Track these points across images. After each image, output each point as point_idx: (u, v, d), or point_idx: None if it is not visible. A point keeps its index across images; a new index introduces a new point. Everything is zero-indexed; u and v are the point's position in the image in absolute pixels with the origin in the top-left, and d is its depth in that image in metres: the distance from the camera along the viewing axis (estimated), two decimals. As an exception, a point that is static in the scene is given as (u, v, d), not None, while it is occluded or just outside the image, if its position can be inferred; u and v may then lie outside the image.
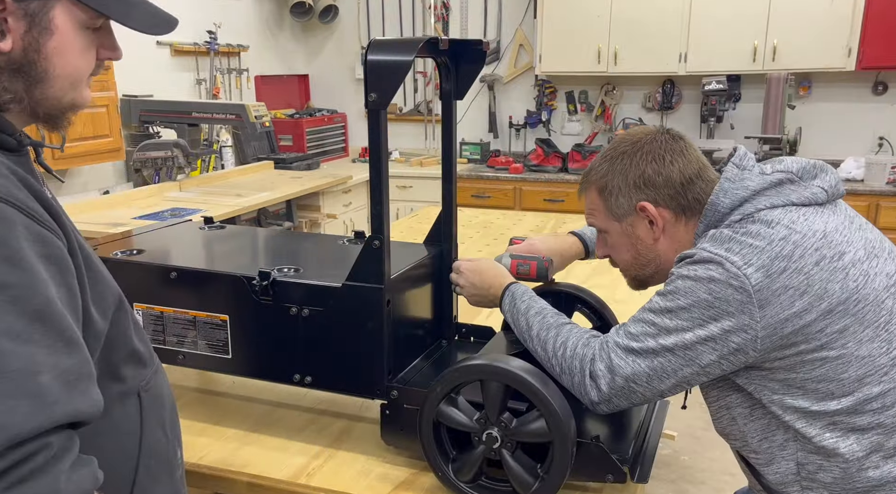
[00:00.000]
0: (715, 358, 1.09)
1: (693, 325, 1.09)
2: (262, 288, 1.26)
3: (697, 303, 1.09)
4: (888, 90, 4.69)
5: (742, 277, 1.06)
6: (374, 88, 1.12)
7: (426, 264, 1.43)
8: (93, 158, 3.70)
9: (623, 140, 1.28)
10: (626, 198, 1.24)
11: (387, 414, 1.28)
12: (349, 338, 1.26)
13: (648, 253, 1.27)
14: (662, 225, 1.23)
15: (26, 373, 0.68)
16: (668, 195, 1.22)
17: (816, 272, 1.06)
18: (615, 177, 1.25)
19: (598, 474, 1.16)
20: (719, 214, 1.17)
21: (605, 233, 1.31)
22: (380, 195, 1.19)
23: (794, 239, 1.08)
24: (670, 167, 1.22)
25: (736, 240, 1.10)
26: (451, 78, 1.37)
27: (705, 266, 1.09)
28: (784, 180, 1.15)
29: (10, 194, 0.75)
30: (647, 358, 1.13)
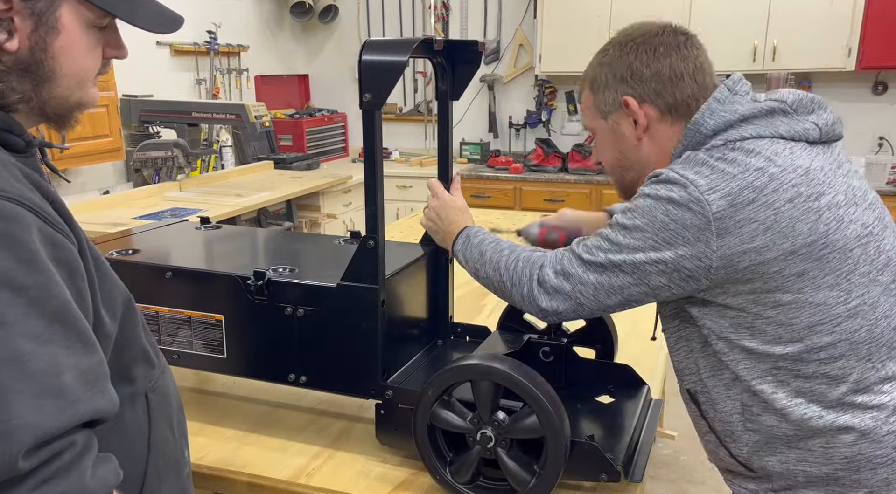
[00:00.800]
0: (664, 281, 1.07)
1: (646, 246, 1.06)
2: (258, 288, 1.26)
3: (653, 224, 1.05)
4: (888, 90, 4.68)
5: (703, 202, 1.01)
6: (368, 89, 1.12)
7: (421, 264, 1.43)
8: (93, 158, 3.71)
9: (621, 32, 1.21)
10: (611, 92, 1.18)
11: (381, 414, 1.28)
12: (344, 338, 1.27)
13: (631, 154, 1.21)
14: (646, 124, 1.16)
15: (50, 373, 0.69)
16: (654, 90, 1.15)
17: (787, 209, 1.01)
18: (603, 69, 1.19)
19: (593, 473, 1.16)
20: (701, 136, 1.10)
21: (595, 132, 1.26)
22: (374, 195, 1.19)
23: (772, 171, 1.03)
24: (660, 60, 1.14)
25: (708, 164, 1.05)
26: (446, 78, 1.37)
27: (668, 186, 1.05)
28: (776, 109, 1.09)
29: (24, 197, 0.75)
30: (597, 271, 1.11)
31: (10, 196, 0.74)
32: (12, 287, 0.69)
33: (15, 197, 0.74)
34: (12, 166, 0.80)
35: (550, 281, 1.14)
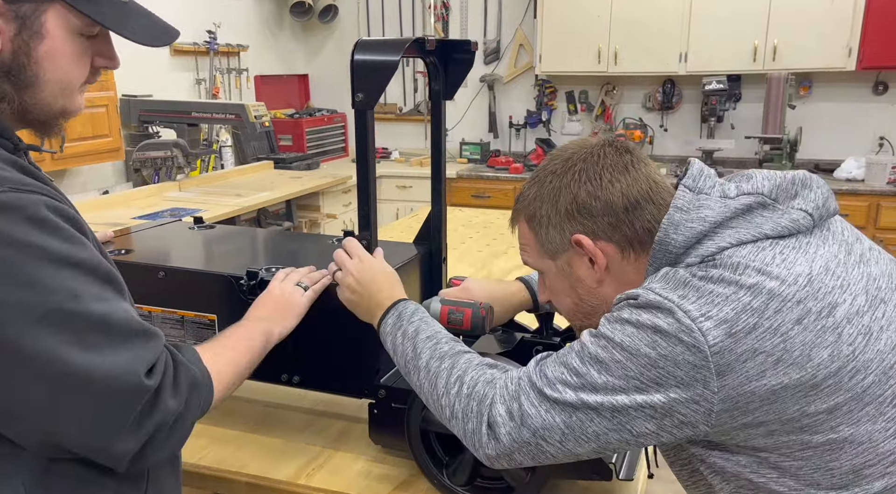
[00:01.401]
0: (652, 428, 0.86)
1: (629, 387, 0.85)
2: (250, 288, 1.26)
3: (637, 358, 0.84)
4: (888, 90, 4.68)
5: (696, 332, 0.81)
6: (360, 88, 1.12)
7: (415, 263, 1.43)
8: (92, 158, 3.72)
9: (555, 156, 1.04)
10: (557, 230, 1.00)
11: (375, 414, 1.28)
12: (337, 338, 1.27)
13: (592, 298, 1.03)
14: (605, 263, 0.98)
15: (126, 321, 0.82)
16: (609, 224, 0.96)
17: (798, 333, 0.81)
18: (543, 204, 1.01)
19: (584, 472, 1.16)
20: (671, 256, 0.92)
21: (542, 273, 1.09)
22: (367, 195, 1.19)
23: (769, 287, 0.82)
24: (609, 188, 0.96)
25: (692, 284, 0.85)
26: (439, 78, 1.37)
27: (651, 312, 0.85)
28: (753, 205, 0.90)
29: (35, 185, 0.79)
30: (565, 412, 0.89)
31: (29, 188, 0.78)
32: (71, 263, 0.78)
33: (31, 188, 0.78)
34: (9, 163, 0.81)
35: (504, 425, 0.92)
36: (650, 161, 1.01)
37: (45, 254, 0.76)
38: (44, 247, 0.76)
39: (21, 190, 0.76)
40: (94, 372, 0.77)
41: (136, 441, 0.81)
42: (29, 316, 0.74)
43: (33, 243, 0.75)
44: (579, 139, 1.07)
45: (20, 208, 0.75)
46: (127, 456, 0.81)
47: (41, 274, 0.75)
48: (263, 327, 1.14)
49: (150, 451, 0.83)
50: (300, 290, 1.22)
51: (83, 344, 0.77)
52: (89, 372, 0.76)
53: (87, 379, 0.77)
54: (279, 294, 1.21)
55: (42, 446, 0.80)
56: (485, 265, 2.55)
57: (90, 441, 0.80)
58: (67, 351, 0.76)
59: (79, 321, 0.77)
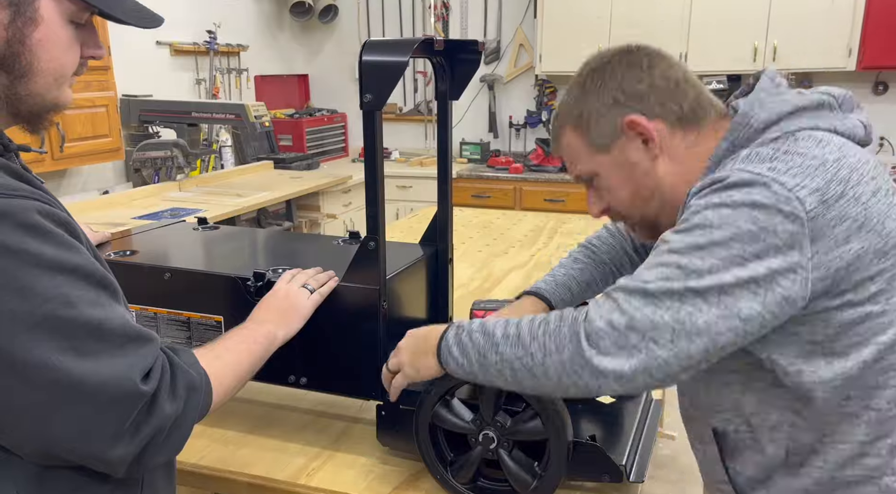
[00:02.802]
0: (757, 308, 0.86)
1: (732, 264, 0.85)
2: (257, 289, 1.26)
3: (738, 236, 0.85)
4: (889, 90, 4.68)
5: (795, 201, 0.84)
6: (369, 89, 1.11)
7: (421, 264, 1.42)
8: (92, 158, 3.71)
9: (588, 62, 1.08)
10: (608, 121, 1.03)
11: (382, 415, 1.27)
12: (345, 339, 1.26)
13: (648, 180, 1.05)
14: (659, 140, 1.02)
15: (122, 326, 0.81)
16: (657, 103, 1.01)
17: (874, 203, 0.88)
18: (589, 101, 1.05)
19: (595, 473, 1.16)
20: (751, 130, 0.96)
21: (595, 176, 1.09)
22: (375, 196, 1.19)
23: (850, 161, 0.89)
24: (650, 71, 1.02)
25: (780, 158, 0.89)
26: (446, 78, 1.37)
27: (743, 189, 0.87)
28: (825, 103, 0.97)
29: (24, 190, 0.77)
30: (671, 306, 0.86)
31: (19, 193, 0.76)
32: (64, 269, 0.77)
33: (21, 193, 0.76)
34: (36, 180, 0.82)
35: (605, 333, 0.88)
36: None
37: (38, 261, 0.74)
38: (37, 254, 0.74)
39: (12, 195, 0.75)
40: (90, 379, 0.76)
41: (134, 447, 0.80)
42: (23, 324, 0.73)
43: (26, 250, 0.73)
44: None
45: (11, 214, 0.73)
46: (124, 463, 0.80)
47: (35, 282, 0.74)
48: (267, 330, 1.13)
49: (148, 456, 0.82)
50: (306, 292, 1.21)
51: (78, 351, 0.76)
52: (84, 379, 0.76)
53: (83, 386, 0.76)
54: (284, 296, 1.21)
55: (37, 453, 0.80)
56: (485, 265, 2.55)
57: (86, 449, 0.79)
58: (62, 359, 0.75)
59: (73, 328, 0.76)
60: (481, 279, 2.37)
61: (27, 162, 0.92)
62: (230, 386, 1.00)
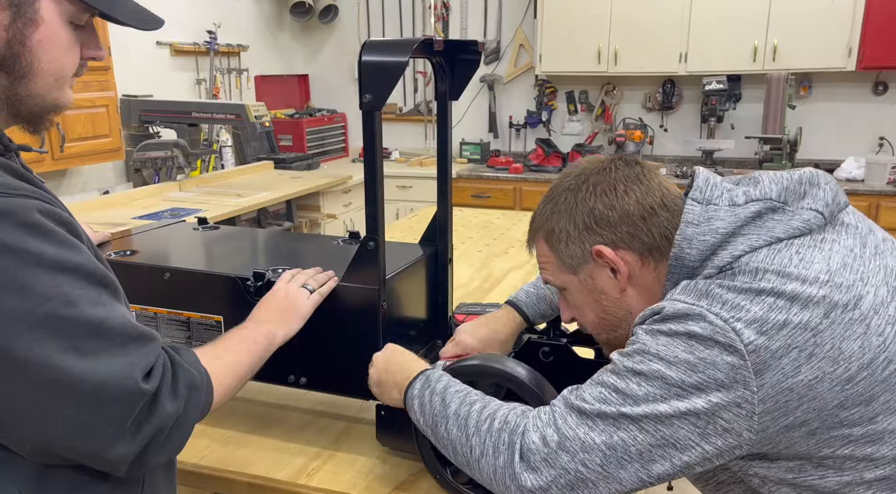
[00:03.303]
0: (696, 439, 0.84)
1: (669, 394, 0.83)
2: (257, 289, 1.26)
3: (675, 365, 0.84)
4: (888, 90, 4.68)
5: (730, 332, 0.82)
6: (368, 89, 1.11)
7: (421, 264, 1.43)
8: (92, 158, 3.71)
9: (567, 174, 1.06)
10: (577, 244, 1.02)
11: (382, 415, 1.27)
12: (344, 339, 1.26)
13: (617, 309, 1.04)
14: (627, 272, 1.00)
15: (123, 325, 0.81)
16: (628, 233, 0.98)
17: (826, 327, 0.81)
18: (561, 219, 1.03)
19: None
20: (688, 269, 0.93)
21: (563, 290, 1.09)
22: (374, 196, 1.19)
23: (791, 288, 0.83)
24: (624, 198, 0.99)
25: (714, 294, 0.86)
26: (445, 78, 1.37)
27: (681, 320, 0.85)
28: (763, 211, 0.91)
29: (26, 189, 0.77)
30: (605, 430, 0.86)
31: (19, 192, 0.76)
32: (65, 268, 0.77)
33: (22, 192, 0.76)
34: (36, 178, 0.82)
35: (538, 451, 0.88)
36: (659, 171, 1.03)
37: (39, 260, 0.74)
38: (38, 253, 0.74)
39: (12, 194, 0.75)
40: (91, 378, 0.76)
41: (135, 446, 0.80)
42: (24, 324, 0.73)
43: (27, 249, 0.74)
44: (588, 157, 1.09)
45: (12, 213, 0.74)
46: (125, 462, 0.80)
47: (36, 281, 0.74)
48: (267, 329, 1.14)
49: (150, 456, 0.82)
50: (305, 292, 1.22)
51: (79, 351, 0.76)
52: (85, 379, 0.76)
53: (84, 385, 0.76)
54: (284, 296, 1.21)
55: (38, 452, 0.80)
56: (485, 265, 2.55)
57: (87, 448, 0.79)
58: (63, 358, 0.75)
59: (74, 327, 0.76)
60: (481, 279, 2.37)
61: (28, 162, 0.92)
62: (231, 385, 1.00)
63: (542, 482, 0.88)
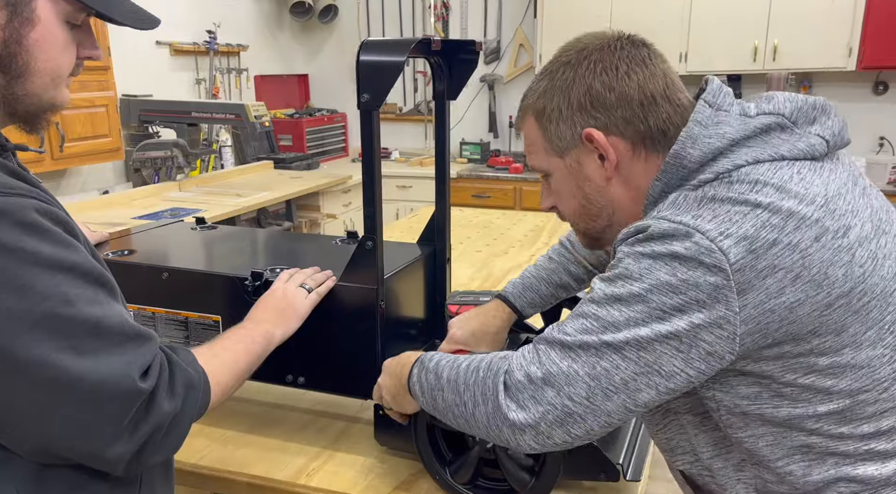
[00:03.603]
0: (680, 364, 0.82)
1: (650, 318, 0.82)
2: (255, 289, 1.26)
3: (657, 288, 0.81)
4: (889, 90, 4.68)
5: (716, 252, 0.79)
6: (366, 89, 1.11)
7: (419, 264, 1.42)
8: (92, 158, 3.71)
9: (567, 48, 0.97)
10: (568, 125, 0.95)
11: (380, 415, 1.27)
12: (342, 339, 1.26)
13: (599, 198, 0.99)
14: (616, 160, 0.94)
15: (120, 324, 0.81)
16: (623, 118, 0.92)
17: (816, 250, 0.80)
18: (554, 96, 0.96)
19: (592, 472, 1.16)
20: (685, 170, 0.89)
21: (547, 175, 1.04)
22: (373, 196, 1.19)
23: (787, 205, 0.81)
24: (625, 80, 0.92)
25: (707, 205, 0.83)
26: (443, 78, 1.37)
27: (666, 240, 0.82)
28: (772, 126, 0.88)
29: (23, 188, 0.77)
30: (587, 360, 0.84)
31: (16, 192, 0.76)
32: (63, 267, 0.77)
33: (19, 191, 0.76)
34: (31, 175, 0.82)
35: (522, 386, 0.87)
36: (666, 58, 0.96)
37: (36, 259, 0.74)
38: (35, 252, 0.74)
39: (9, 193, 0.75)
40: (88, 377, 0.76)
41: (132, 445, 0.80)
42: (22, 323, 0.73)
43: (24, 248, 0.74)
44: (593, 31, 0.99)
45: (9, 212, 0.74)
46: (123, 461, 0.80)
47: (33, 280, 0.74)
48: (264, 329, 1.14)
49: (147, 455, 0.82)
50: (303, 292, 1.22)
51: (77, 350, 0.76)
52: (83, 377, 0.76)
53: (81, 384, 0.76)
54: (282, 295, 1.21)
55: (36, 452, 0.80)
56: (485, 265, 2.55)
57: (85, 447, 0.79)
58: (61, 357, 0.75)
59: (72, 326, 0.76)
60: (481, 279, 2.38)
61: (26, 162, 0.92)
62: (228, 384, 1.00)
63: (530, 419, 0.87)
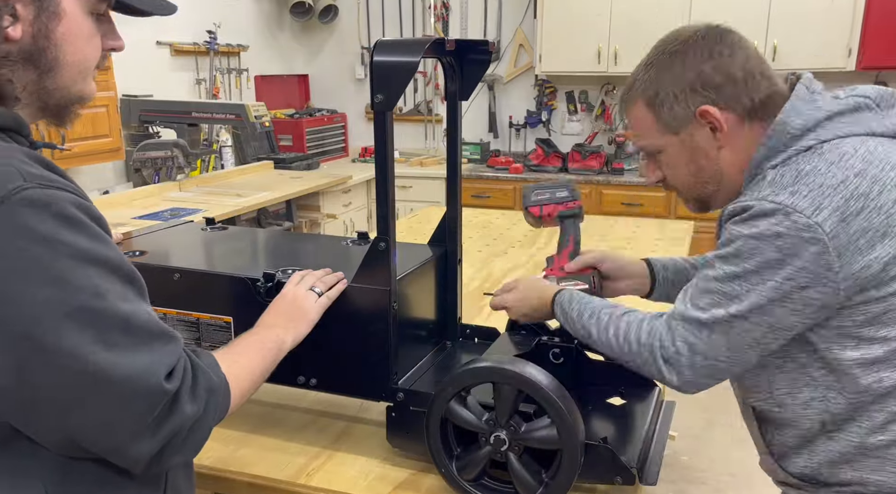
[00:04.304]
0: (797, 319, 1.00)
1: (767, 288, 0.98)
2: (267, 290, 1.25)
3: (767, 263, 0.97)
4: (888, 90, 4.69)
5: (814, 226, 0.94)
6: (380, 89, 1.10)
7: (430, 265, 1.42)
8: (92, 158, 3.70)
9: (667, 40, 1.13)
10: (682, 106, 1.09)
11: (393, 417, 1.27)
12: (355, 340, 1.26)
13: (710, 166, 1.13)
14: (728, 131, 1.09)
15: (149, 323, 0.82)
16: (732, 95, 1.07)
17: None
18: (666, 83, 1.10)
19: (607, 476, 1.15)
20: (788, 137, 1.03)
21: (658, 152, 1.16)
22: (385, 196, 1.18)
23: (872, 173, 0.97)
24: (729, 61, 1.07)
25: (802, 180, 0.98)
26: (455, 78, 1.36)
27: (767, 220, 0.97)
28: (861, 105, 1.04)
29: (56, 181, 0.78)
30: (723, 330, 1.02)
31: (55, 185, 0.77)
32: (97, 262, 0.77)
33: (57, 184, 0.77)
34: (34, 158, 0.81)
35: (679, 360, 1.06)
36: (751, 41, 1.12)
37: (72, 251, 0.75)
38: (71, 244, 0.75)
39: (48, 186, 0.76)
40: (116, 372, 0.76)
41: (154, 445, 0.80)
42: (55, 313, 0.74)
43: (61, 240, 0.75)
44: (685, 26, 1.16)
45: (48, 204, 0.75)
46: (144, 460, 0.80)
47: (68, 272, 0.75)
48: (276, 334, 1.13)
49: (167, 456, 0.82)
50: (314, 296, 1.21)
51: (106, 343, 0.76)
52: (111, 372, 0.76)
53: (109, 378, 0.76)
54: (292, 299, 1.20)
55: (61, 445, 0.80)
56: (485, 265, 2.55)
57: (108, 443, 0.79)
58: (91, 350, 0.75)
59: (103, 319, 0.77)
60: (481, 279, 2.37)
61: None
62: (246, 390, 1.00)
63: (690, 379, 1.07)
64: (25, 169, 0.76)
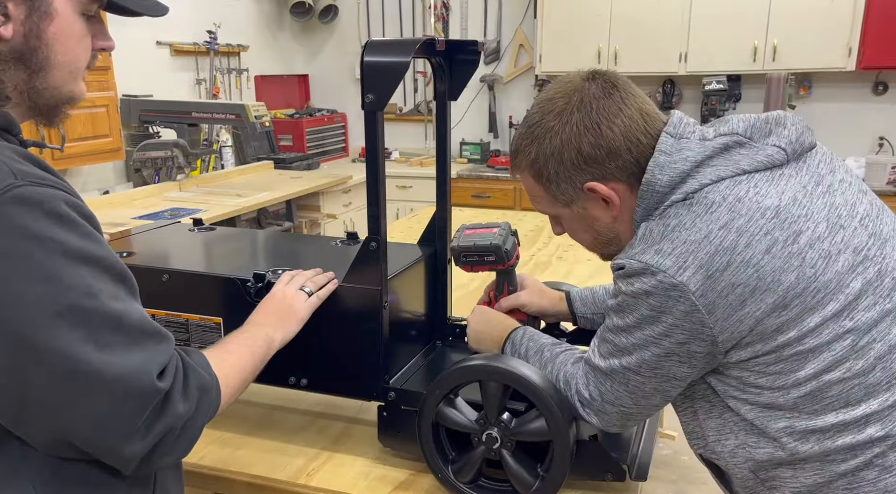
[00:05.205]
0: (686, 369, 0.99)
1: (648, 342, 0.98)
2: (257, 291, 1.26)
3: (644, 320, 0.97)
4: (888, 90, 4.68)
5: (680, 286, 0.93)
6: (371, 89, 1.11)
7: (421, 265, 1.42)
8: (92, 158, 3.71)
9: (545, 109, 1.06)
10: (568, 183, 1.06)
11: (384, 416, 1.27)
12: (345, 340, 1.26)
13: (608, 232, 1.11)
14: (619, 201, 1.05)
15: (140, 321, 0.82)
16: (616, 167, 1.03)
17: (767, 261, 0.91)
18: (548, 162, 1.05)
19: (598, 472, 1.16)
20: (658, 195, 1.00)
21: (555, 217, 1.16)
22: (377, 196, 1.18)
23: (738, 224, 0.93)
24: (609, 134, 1.01)
25: (668, 236, 0.96)
26: (445, 78, 1.37)
27: (637, 279, 0.97)
28: (730, 144, 0.99)
29: (48, 179, 0.78)
30: (621, 380, 1.04)
31: (47, 183, 0.77)
32: (89, 260, 0.77)
33: (49, 182, 0.77)
34: (24, 157, 0.81)
35: (592, 404, 1.09)
36: (636, 89, 1.06)
37: (64, 250, 0.75)
38: (63, 242, 0.75)
39: (40, 184, 0.76)
40: (108, 371, 0.76)
41: (145, 445, 0.80)
42: (47, 312, 0.74)
43: (52, 237, 0.75)
44: (562, 78, 1.08)
45: (40, 202, 0.75)
46: (134, 459, 0.81)
47: (60, 270, 0.75)
48: (265, 333, 1.13)
49: (159, 455, 0.82)
50: (303, 295, 1.21)
51: (98, 342, 0.76)
52: (102, 371, 0.76)
53: (100, 377, 0.76)
54: (281, 298, 1.20)
55: (52, 445, 0.80)
56: (487, 265, 2.54)
57: (100, 441, 0.79)
58: (82, 349, 0.75)
59: (94, 318, 0.77)
60: (481, 279, 2.37)
61: None
62: (236, 388, 1.01)
63: (604, 423, 1.10)
64: (17, 167, 0.76)
